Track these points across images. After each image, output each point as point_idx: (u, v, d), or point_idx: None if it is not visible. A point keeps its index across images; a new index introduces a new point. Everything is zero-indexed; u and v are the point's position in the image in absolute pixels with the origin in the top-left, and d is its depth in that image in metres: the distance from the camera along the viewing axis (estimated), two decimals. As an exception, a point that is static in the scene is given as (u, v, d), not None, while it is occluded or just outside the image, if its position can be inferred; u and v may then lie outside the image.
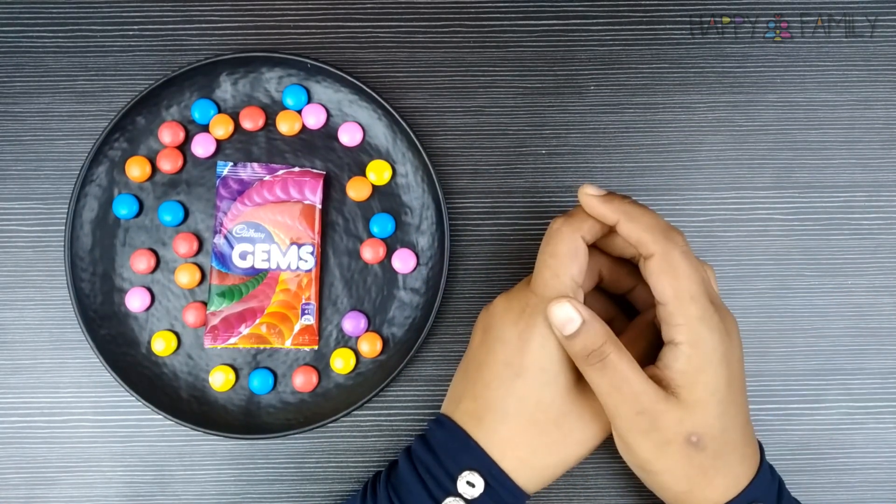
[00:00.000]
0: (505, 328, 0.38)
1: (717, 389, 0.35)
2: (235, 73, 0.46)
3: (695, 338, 0.35)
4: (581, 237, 0.37)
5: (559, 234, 0.37)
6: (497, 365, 0.37)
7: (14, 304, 0.46)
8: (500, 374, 0.37)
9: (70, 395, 0.45)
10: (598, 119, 0.47)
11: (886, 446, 0.46)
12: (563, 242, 0.37)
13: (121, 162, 0.45)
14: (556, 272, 0.37)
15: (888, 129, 0.47)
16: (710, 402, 0.35)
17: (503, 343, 0.37)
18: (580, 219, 0.37)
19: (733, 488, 0.36)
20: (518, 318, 0.37)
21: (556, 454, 0.38)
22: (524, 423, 0.37)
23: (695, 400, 0.35)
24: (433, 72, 0.47)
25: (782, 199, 0.47)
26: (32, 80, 0.47)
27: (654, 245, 0.36)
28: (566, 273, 0.37)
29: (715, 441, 0.36)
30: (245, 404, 0.45)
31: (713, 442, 0.35)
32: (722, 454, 0.36)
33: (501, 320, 0.38)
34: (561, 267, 0.37)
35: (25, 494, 0.45)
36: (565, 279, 0.37)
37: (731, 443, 0.36)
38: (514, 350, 0.37)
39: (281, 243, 0.45)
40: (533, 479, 0.38)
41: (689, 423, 0.35)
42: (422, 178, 0.45)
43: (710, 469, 0.36)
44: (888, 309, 0.47)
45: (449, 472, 0.37)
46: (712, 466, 0.36)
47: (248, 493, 0.45)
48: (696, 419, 0.35)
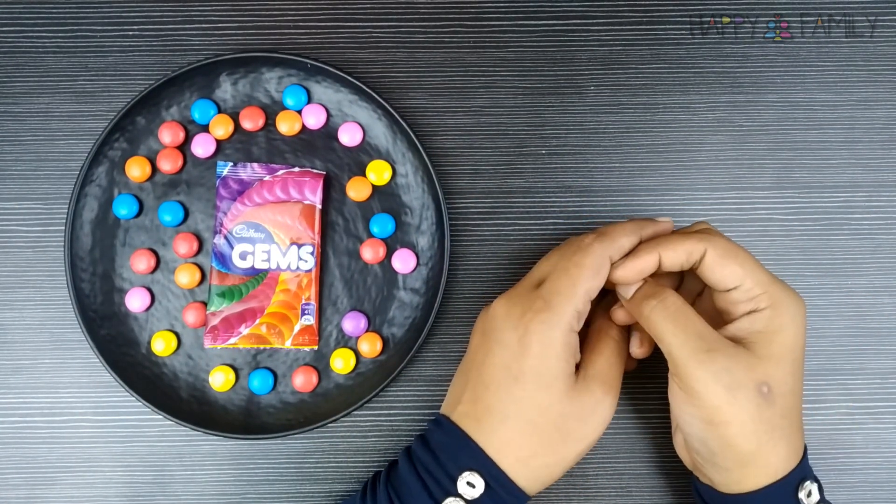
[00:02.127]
0: (505, 332, 0.38)
1: (793, 347, 0.36)
2: (235, 73, 0.46)
3: (776, 301, 0.36)
4: (609, 256, 0.38)
5: (590, 249, 0.38)
6: (496, 368, 0.37)
7: (14, 304, 0.46)
8: (498, 378, 0.37)
9: (70, 395, 0.45)
10: (598, 119, 0.47)
11: (886, 446, 0.46)
12: (590, 256, 0.38)
13: (121, 162, 0.45)
14: (574, 282, 0.37)
15: (888, 129, 0.47)
16: (784, 357, 0.36)
17: (503, 347, 0.37)
18: (612, 238, 0.38)
19: (793, 458, 0.36)
20: (518, 323, 0.37)
21: (555, 454, 0.38)
22: (523, 425, 0.37)
23: (768, 353, 0.36)
24: (433, 72, 0.47)
25: (782, 199, 0.47)
26: (32, 80, 0.47)
27: (699, 245, 0.37)
28: (583, 286, 0.37)
29: (784, 398, 0.36)
30: (245, 404, 0.45)
31: (782, 399, 0.36)
32: (787, 415, 0.36)
33: (502, 323, 0.38)
34: (580, 278, 0.37)
35: (25, 494, 0.45)
36: (580, 291, 0.37)
37: (794, 408, 0.37)
38: (513, 354, 0.37)
39: (281, 243, 0.45)
40: (533, 479, 0.38)
41: (761, 372, 0.35)
42: (422, 178, 0.45)
43: (777, 429, 0.36)
44: (888, 309, 0.47)
45: (449, 473, 0.37)
46: (779, 426, 0.36)
47: (248, 493, 0.45)
48: (767, 370, 0.36)
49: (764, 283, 0.37)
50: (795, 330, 0.37)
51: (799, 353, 0.37)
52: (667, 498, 0.45)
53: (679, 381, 0.37)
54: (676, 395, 0.37)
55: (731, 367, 0.35)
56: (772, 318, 0.36)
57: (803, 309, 0.37)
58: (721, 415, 0.36)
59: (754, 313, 0.37)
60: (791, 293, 0.37)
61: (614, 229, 0.39)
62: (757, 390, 0.35)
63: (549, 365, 0.37)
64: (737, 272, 0.37)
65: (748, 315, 0.37)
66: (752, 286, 0.37)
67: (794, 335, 0.37)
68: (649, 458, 0.46)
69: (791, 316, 0.37)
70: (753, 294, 0.37)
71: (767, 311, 0.36)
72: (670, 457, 0.45)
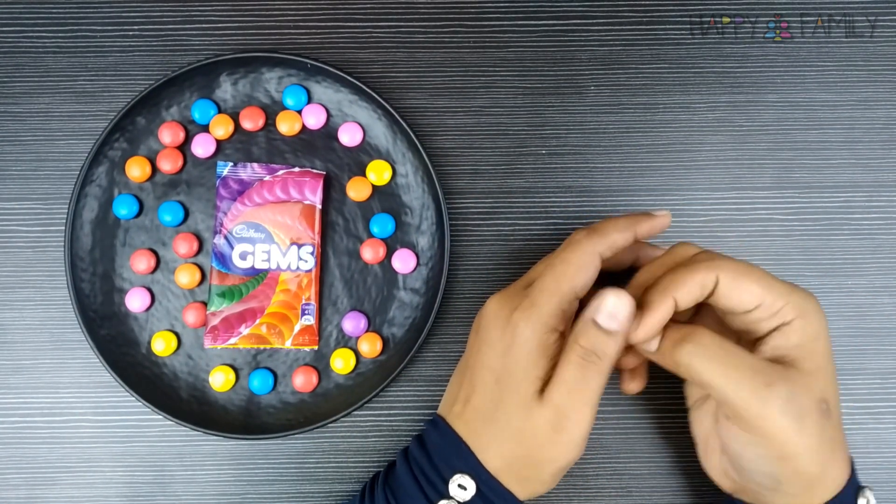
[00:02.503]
0: (492, 331, 0.37)
1: (829, 352, 0.35)
2: (235, 73, 0.46)
3: (801, 310, 0.35)
4: (599, 253, 0.37)
5: (577, 244, 0.37)
6: (483, 369, 0.37)
7: (14, 304, 0.46)
8: (484, 379, 0.37)
9: (70, 395, 0.45)
10: (598, 119, 0.47)
11: (886, 446, 0.46)
12: (576, 252, 0.37)
13: (121, 162, 0.45)
14: (557, 278, 0.36)
15: (888, 129, 0.47)
16: (828, 367, 0.35)
17: (489, 346, 0.37)
18: (601, 234, 0.37)
19: (846, 466, 0.36)
20: (506, 323, 0.36)
21: (536, 466, 0.36)
22: (510, 429, 0.36)
23: (816, 367, 0.35)
24: (433, 72, 0.47)
25: (782, 199, 0.47)
26: (32, 80, 0.47)
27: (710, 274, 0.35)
28: (567, 282, 0.36)
29: (837, 408, 0.35)
30: (245, 404, 0.45)
31: (836, 409, 0.35)
32: (840, 423, 0.35)
33: (491, 322, 0.37)
34: (564, 275, 0.36)
35: (25, 494, 0.45)
36: (564, 287, 0.36)
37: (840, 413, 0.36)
38: (497, 354, 0.36)
39: (281, 243, 0.45)
40: (522, 483, 0.37)
41: (818, 389, 0.34)
42: (422, 179, 0.45)
43: (837, 442, 0.35)
44: (888, 309, 0.47)
45: (441, 475, 0.37)
46: (837, 438, 0.35)
47: (248, 493, 0.45)
48: (821, 384, 0.34)
49: (784, 294, 0.35)
50: (826, 334, 0.35)
51: (832, 356, 0.36)
52: (667, 498, 0.45)
53: (741, 422, 0.34)
54: (736, 437, 0.35)
55: (793, 396, 0.33)
56: (804, 327, 0.35)
57: (819, 305, 0.36)
58: (791, 447, 0.34)
59: (784, 327, 0.35)
60: (809, 296, 0.36)
61: (606, 225, 0.38)
62: (819, 410, 0.34)
63: (536, 364, 0.36)
64: (755, 291, 0.35)
65: (778, 331, 0.35)
66: (773, 300, 0.35)
67: (827, 339, 0.35)
68: (649, 458, 0.46)
69: (819, 320, 0.35)
70: (776, 308, 0.35)
71: (797, 321, 0.35)
72: (670, 457, 0.45)
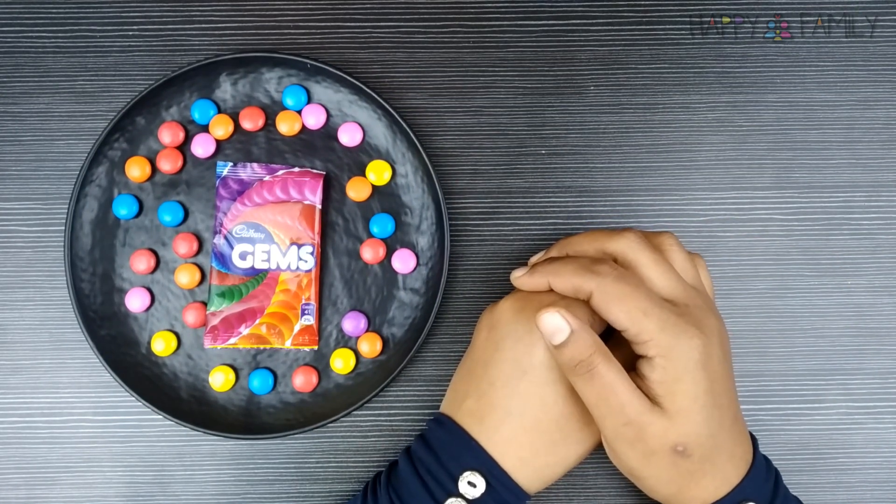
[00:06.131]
0: (515, 325, 0.38)
1: (697, 396, 0.35)
2: (235, 73, 0.46)
3: (665, 349, 0.35)
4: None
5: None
6: (505, 363, 0.38)
7: (14, 304, 0.46)
8: (506, 373, 0.37)
9: (70, 395, 0.45)
10: (598, 119, 0.47)
11: (886, 446, 0.46)
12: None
13: (121, 162, 0.45)
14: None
15: (888, 129, 0.47)
16: (692, 409, 0.35)
17: (514, 340, 0.38)
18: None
19: (723, 487, 0.36)
20: (530, 318, 0.37)
21: (557, 454, 0.38)
22: (526, 423, 0.37)
23: (677, 409, 0.35)
24: (433, 72, 0.47)
25: (782, 199, 0.47)
26: (32, 80, 0.47)
27: (586, 284, 0.36)
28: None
29: (702, 447, 0.35)
30: (245, 404, 0.45)
31: (700, 448, 0.35)
32: (710, 457, 0.36)
33: (513, 317, 0.38)
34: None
35: (25, 494, 0.45)
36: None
37: (718, 445, 0.36)
38: (524, 347, 0.37)
39: (281, 243, 0.45)
40: (534, 478, 0.38)
41: (674, 434, 0.35)
42: (422, 179, 0.45)
43: (698, 472, 0.36)
44: (888, 309, 0.47)
45: (450, 473, 0.37)
46: (699, 469, 0.36)
47: (248, 493, 0.45)
48: (680, 429, 0.35)
49: (650, 332, 0.35)
50: (695, 375, 0.35)
51: (708, 397, 0.35)
52: (667, 498, 0.45)
53: (604, 439, 0.37)
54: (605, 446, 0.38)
55: (645, 437, 0.35)
56: (665, 367, 0.35)
57: (702, 349, 0.35)
58: (639, 472, 0.37)
59: (647, 359, 0.35)
60: (682, 339, 0.35)
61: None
62: (671, 451, 0.35)
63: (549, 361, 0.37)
64: (620, 318, 0.35)
65: (644, 359, 0.36)
66: (637, 332, 0.35)
67: (695, 381, 0.35)
68: (649, 458, 0.46)
69: (684, 364, 0.34)
70: (640, 339, 0.35)
71: (658, 360, 0.35)
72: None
